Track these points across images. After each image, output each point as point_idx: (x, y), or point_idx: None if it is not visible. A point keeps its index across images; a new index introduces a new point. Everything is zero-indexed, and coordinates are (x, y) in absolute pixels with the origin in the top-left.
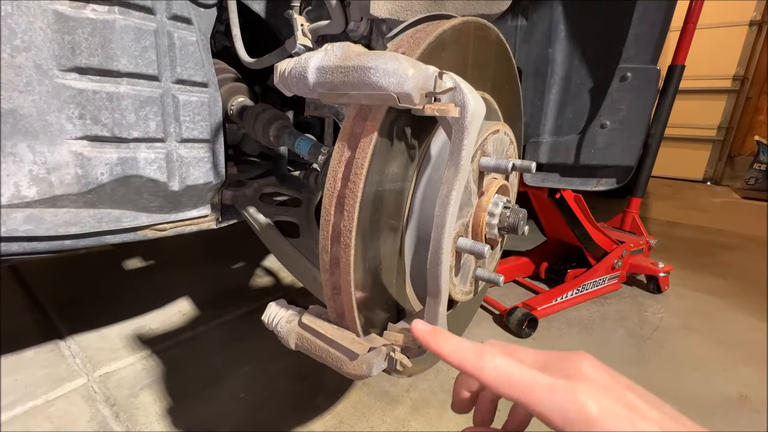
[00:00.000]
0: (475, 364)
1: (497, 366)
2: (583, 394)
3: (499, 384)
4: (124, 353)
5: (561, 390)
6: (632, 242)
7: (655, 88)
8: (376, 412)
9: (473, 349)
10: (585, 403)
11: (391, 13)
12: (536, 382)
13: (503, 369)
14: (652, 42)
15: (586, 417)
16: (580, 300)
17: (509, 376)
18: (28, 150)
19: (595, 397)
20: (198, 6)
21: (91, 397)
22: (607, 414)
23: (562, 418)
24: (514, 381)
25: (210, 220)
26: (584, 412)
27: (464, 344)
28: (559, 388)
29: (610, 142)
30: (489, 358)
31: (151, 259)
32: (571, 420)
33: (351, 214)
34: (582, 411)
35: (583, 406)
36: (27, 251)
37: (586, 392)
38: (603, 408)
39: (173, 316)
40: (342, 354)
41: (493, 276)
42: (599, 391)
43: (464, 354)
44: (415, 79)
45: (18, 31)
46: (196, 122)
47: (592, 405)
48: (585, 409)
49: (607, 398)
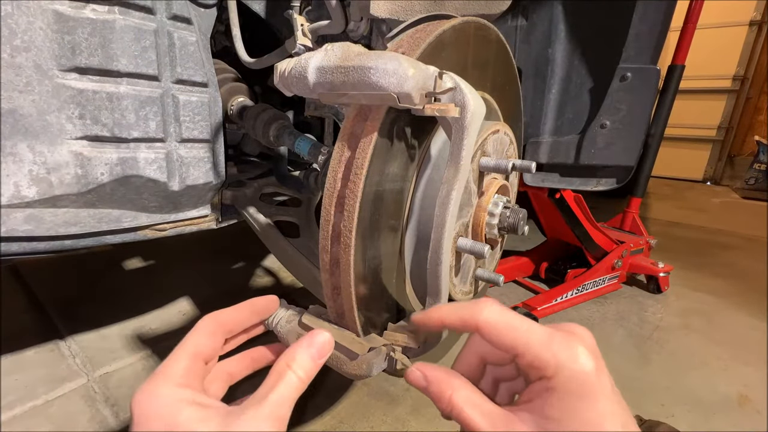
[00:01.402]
0: (472, 314)
1: (494, 311)
2: (581, 347)
3: (497, 330)
4: (124, 353)
5: (559, 339)
6: (632, 242)
7: (655, 88)
8: (376, 412)
9: (469, 303)
10: (581, 354)
11: (391, 13)
12: (535, 328)
13: (501, 316)
14: (652, 42)
15: (581, 368)
16: (580, 300)
17: (507, 323)
18: (28, 150)
19: (592, 355)
20: (198, 6)
21: (91, 397)
22: (598, 375)
23: (556, 364)
24: (511, 326)
25: (210, 220)
26: (579, 363)
27: (458, 304)
28: (557, 337)
29: (610, 142)
30: (485, 306)
31: (151, 259)
32: (565, 368)
33: (351, 214)
34: (577, 361)
35: (579, 357)
36: (27, 251)
37: (584, 346)
38: (596, 369)
39: (173, 316)
40: (342, 354)
41: (493, 276)
42: (594, 354)
43: (460, 310)
44: (415, 79)
45: (18, 31)
46: (196, 122)
47: (589, 360)
48: (580, 361)
49: (600, 363)
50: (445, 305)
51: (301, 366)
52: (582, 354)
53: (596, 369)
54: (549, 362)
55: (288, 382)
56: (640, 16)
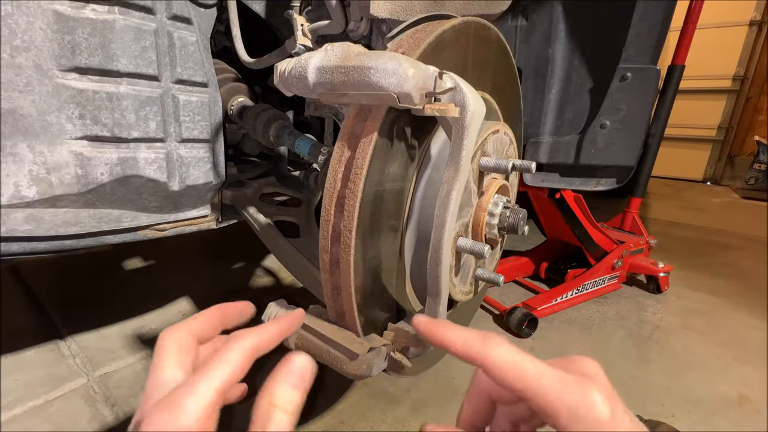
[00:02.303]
0: (480, 351)
1: (503, 352)
2: (596, 393)
3: (505, 372)
4: (124, 353)
5: (573, 384)
6: (632, 242)
7: (655, 88)
8: (376, 412)
9: (477, 336)
10: (597, 401)
11: (391, 13)
12: (546, 372)
13: (510, 356)
14: (652, 42)
15: (596, 417)
16: (580, 300)
17: (516, 363)
18: (28, 150)
19: (608, 400)
20: (198, 6)
21: (91, 397)
22: (615, 422)
23: (569, 413)
24: (521, 368)
25: (210, 220)
26: (595, 411)
27: (468, 332)
28: (570, 382)
29: (610, 142)
30: (494, 345)
31: (151, 259)
32: (580, 417)
33: (351, 214)
34: (593, 409)
35: (594, 405)
36: (27, 251)
37: (599, 392)
38: (614, 412)
39: (173, 316)
40: (342, 354)
41: (493, 276)
42: (610, 396)
43: (468, 341)
44: (415, 79)
45: (18, 31)
46: (196, 122)
47: (604, 406)
48: (596, 408)
49: (618, 405)
50: (453, 327)
51: (285, 401)
52: (597, 401)
53: (613, 415)
54: (561, 411)
55: (278, 423)
56: (640, 16)
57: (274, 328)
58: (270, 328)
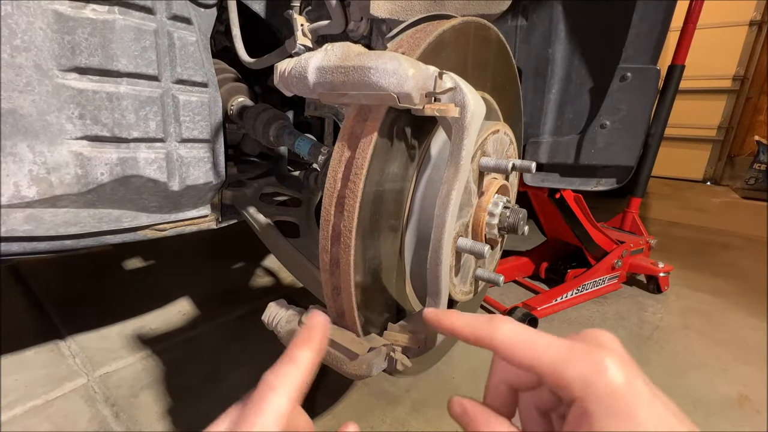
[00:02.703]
0: (488, 331)
1: (510, 330)
2: (608, 359)
3: (514, 348)
4: (124, 353)
5: (582, 353)
6: (632, 242)
7: (655, 88)
8: (376, 412)
9: (484, 318)
10: (609, 367)
11: (391, 13)
12: (555, 343)
13: (517, 332)
14: (652, 42)
15: (608, 384)
16: (580, 300)
17: (523, 339)
18: (28, 150)
19: (620, 366)
20: (198, 6)
21: (91, 397)
22: (630, 386)
23: (581, 382)
24: (529, 343)
25: (210, 220)
26: (607, 378)
27: (475, 316)
28: (580, 350)
29: (610, 142)
30: (501, 324)
31: (151, 259)
32: (592, 385)
33: (351, 214)
34: (605, 376)
35: (606, 371)
36: (27, 251)
37: (611, 358)
38: (628, 379)
39: (173, 316)
40: (342, 354)
41: (493, 276)
42: (623, 362)
43: (475, 324)
44: (415, 79)
45: (18, 31)
46: (196, 122)
47: (617, 373)
48: (608, 375)
49: (631, 371)
50: (461, 314)
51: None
52: (610, 365)
53: (627, 379)
54: (573, 380)
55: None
56: (640, 16)
57: (312, 357)
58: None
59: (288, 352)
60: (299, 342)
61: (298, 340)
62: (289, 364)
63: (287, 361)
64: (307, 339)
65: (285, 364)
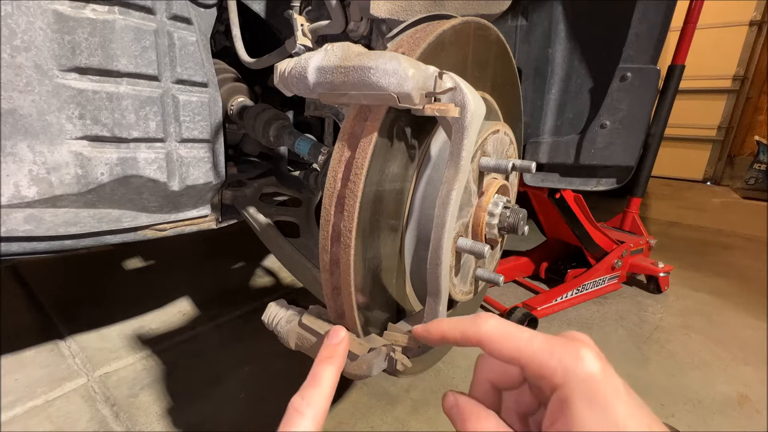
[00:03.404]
0: (474, 328)
1: (494, 325)
2: (585, 350)
3: (498, 342)
4: (124, 353)
5: (562, 344)
6: (632, 242)
7: (655, 88)
8: (376, 412)
9: (469, 318)
10: (586, 356)
11: (391, 13)
12: (537, 336)
13: (500, 328)
14: (652, 42)
15: (587, 371)
16: (580, 300)
17: (507, 333)
18: (28, 150)
19: (597, 357)
20: (198, 6)
21: (91, 397)
22: (606, 376)
23: (562, 370)
24: (512, 336)
25: (210, 220)
26: (586, 365)
27: (460, 318)
28: (560, 343)
29: (610, 142)
30: (486, 320)
31: (151, 259)
32: (572, 372)
33: (351, 214)
34: (584, 364)
35: (584, 360)
36: (27, 251)
37: (587, 349)
38: (604, 369)
39: (173, 316)
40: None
41: (493, 276)
42: (599, 355)
43: (461, 325)
44: (415, 79)
45: (18, 31)
46: (196, 122)
47: (594, 362)
48: (587, 363)
49: (606, 363)
50: (445, 319)
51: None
52: (587, 356)
53: (603, 371)
54: (555, 368)
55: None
56: (640, 16)
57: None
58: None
59: (313, 372)
60: (322, 360)
61: (321, 357)
62: (313, 387)
63: (312, 384)
64: (330, 355)
65: (310, 387)
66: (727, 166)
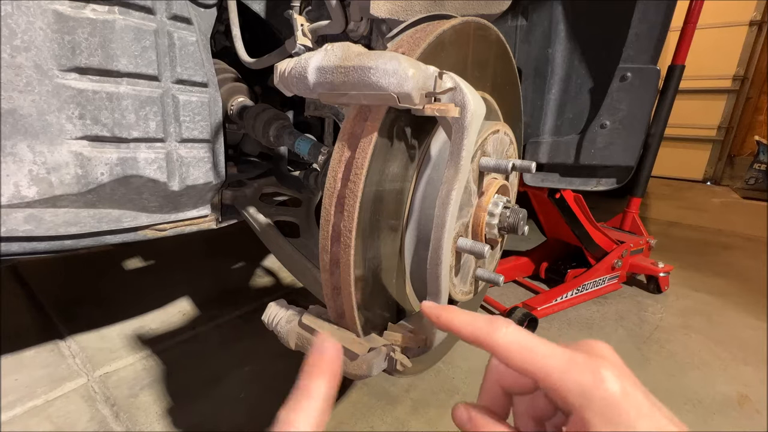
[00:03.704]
0: (488, 332)
1: (511, 333)
2: (605, 370)
3: (512, 352)
4: (124, 353)
5: (581, 363)
6: (632, 242)
7: (655, 88)
8: (376, 412)
9: (485, 318)
10: (606, 378)
11: (391, 13)
12: (554, 351)
13: (517, 336)
14: (652, 42)
15: (605, 394)
16: (580, 300)
17: (524, 344)
18: (28, 150)
19: (618, 377)
20: (198, 6)
21: (91, 397)
22: (627, 396)
23: (579, 391)
24: (528, 348)
25: (210, 220)
26: (605, 388)
27: (475, 315)
28: (578, 360)
29: (610, 142)
30: (502, 326)
31: (151, 259)
32: (589, 395)
33: (351, 214)
34: (602, 386)
35: (603, 381)
36: (27, 251)
37: (608, 369)
38: (624, 389)
39: (173, 316)
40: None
41: (493, 276)
42: (620, 372)
43: (476, 323)
44: (415, 79)
45: (18, 31)
46: (196, 122)
47: (614, 383)
48: (606, 385)
49: (628, 381)
50: (462, 312)
51: None
52: (606, 377)
53: (624, 389)
54: (572, 390)
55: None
56: (640, 16)
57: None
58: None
59: (300, 384)
60: (311, 372)
61: (310, 369)
62: (303, 399)
63: (301, 395)
64: (319, 367)
65: (299, 399)
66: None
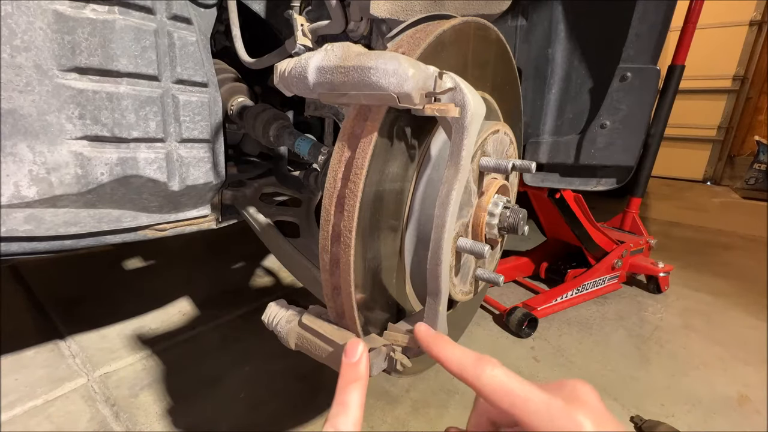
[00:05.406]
0: (474, 371)
1: (495, 375)
2: (582, 416)
3: (496, 393)
4: (124, 353)
5: (558, 408)
6: (632, 242)
7: (655, 88)
8: (376, 412)
9: (473, 357)
10: (583, 424)
11: (391, 13)
12: (534, 395)
13: (501, 379)
14: (652, 42)
15: None
16: (580, 300)
17: (506, 386)
18: (28, 150)
19: (594, 422)
20: (198, 6)
21: (91, 397)
22: None
23: None
24: (510, 392)
25: (210, 220)
26: None
27: (465, 352)
28: (557, 406)
29: (610, 142)
30: (488, 367)
31: (151, 259)
32: None
33: (351, 214)
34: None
35: (580, 427)
36: (27, 251)
37: (584, 414)
38: None
39: (173, 316)
40: None
41: (493, 276)
42: (597, 418)
43: (464, 361)
44: (415, 79)
45: (18, 31)
46: (196, 122)
47: (590, 428)
48: (582, 431)
49: (607, 426)
50: (452, 346)
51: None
52: (583, 423)
53: None
54: None
55: None
56: (640, 16)
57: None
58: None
59: (338, 398)
60: (346, 383)
61: (345, 380)
62: (342, 414)
63: (340, 411)
64: (354, 377)
65: (339, 416)
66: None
